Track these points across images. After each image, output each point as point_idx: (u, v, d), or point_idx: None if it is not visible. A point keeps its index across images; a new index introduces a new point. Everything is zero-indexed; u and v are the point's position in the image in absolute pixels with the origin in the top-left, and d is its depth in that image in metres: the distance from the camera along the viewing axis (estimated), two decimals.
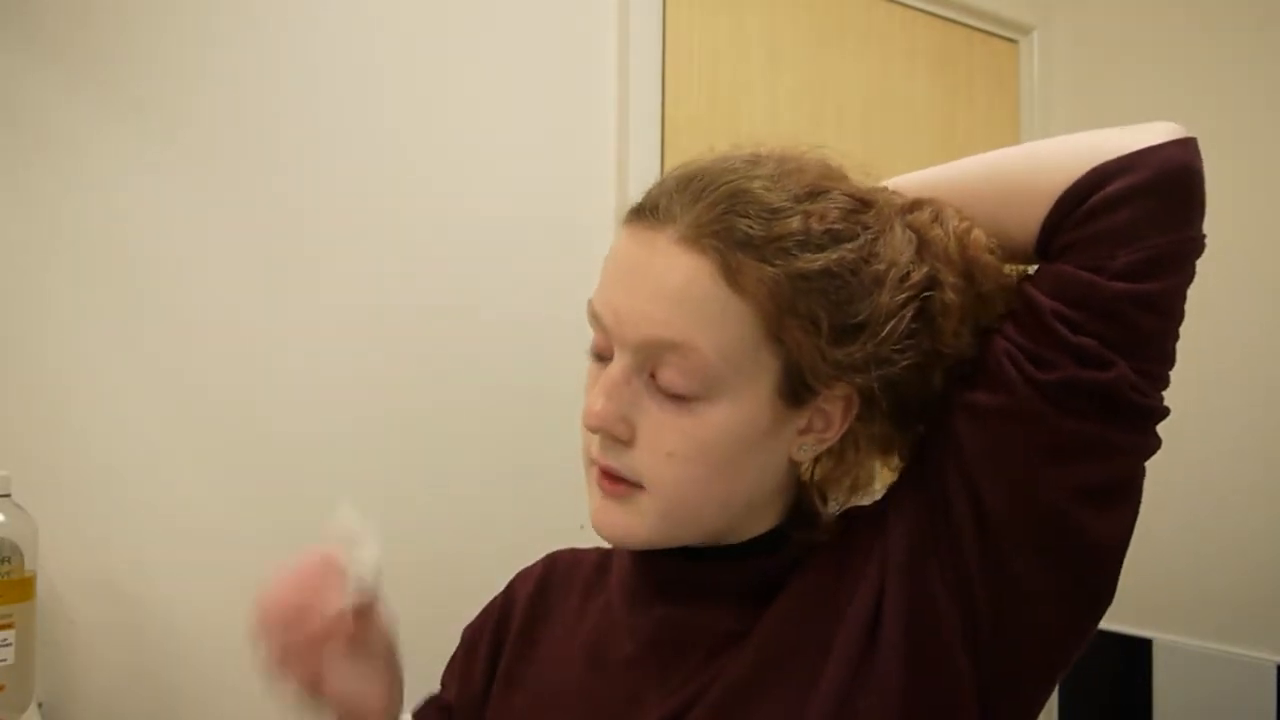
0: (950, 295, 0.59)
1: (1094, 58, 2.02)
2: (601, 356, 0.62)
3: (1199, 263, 0.59)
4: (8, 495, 0.95)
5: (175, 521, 1.13)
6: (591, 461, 0.62)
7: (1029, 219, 0.60)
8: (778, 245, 0.56)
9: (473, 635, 0.78)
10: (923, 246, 0.60)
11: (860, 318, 0.57)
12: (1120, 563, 0.59)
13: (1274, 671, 1.66)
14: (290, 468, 1.21)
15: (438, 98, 1.33)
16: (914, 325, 0.58)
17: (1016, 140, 1.97)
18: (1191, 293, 0.58)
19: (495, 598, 0.79)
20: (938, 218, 0.61)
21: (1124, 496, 0.59)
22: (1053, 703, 1.95)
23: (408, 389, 1.30)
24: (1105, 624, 0.60)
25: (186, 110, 1.16)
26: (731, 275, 0.55)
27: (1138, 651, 1.82)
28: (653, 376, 0.58)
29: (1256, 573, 1.71)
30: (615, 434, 0.59)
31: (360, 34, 1.28)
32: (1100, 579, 0.59)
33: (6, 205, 1.06)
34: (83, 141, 1.10)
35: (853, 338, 0.57)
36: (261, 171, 1.21)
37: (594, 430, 0.60)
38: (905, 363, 0.58)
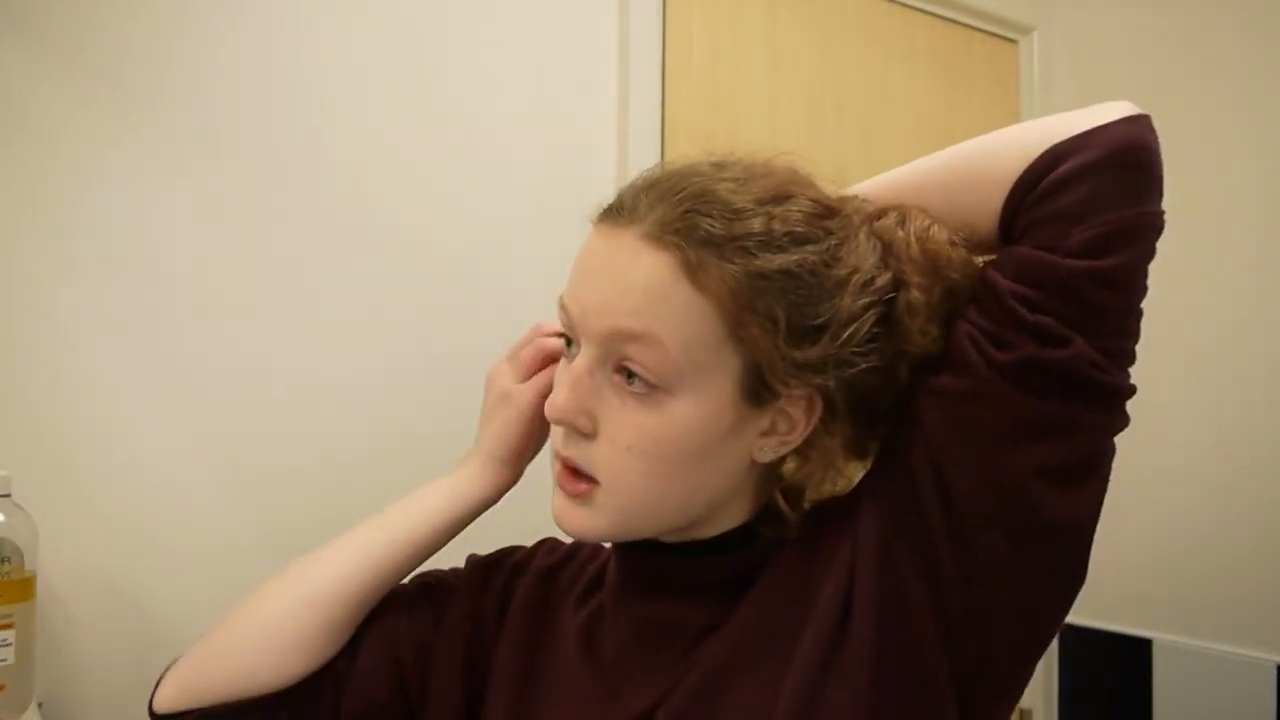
0: (915, 294, 0.59)
1: (1094, 58, 2.02)
2: (570, 353, 0.63)
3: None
4: (8, 495, 0.95)
5: (175, 522, 1.14)
6: (555, 454, 0.63)
7: (989, 207, 0.61)
8: (738, 244, 0.57)
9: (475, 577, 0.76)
10: (887, 251, 0.61)
11: (820, 320, 0.58)
12: (1088, 542, 0.59)
13: (1274, 671, 1.66)
14: (290, 468, 1.21)
15: (437, 99, 1.33)
16: (877, 330, 0.59)
17: None
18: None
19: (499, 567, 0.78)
20: (902, 221, 0.62)
21: (1089, 474, 0.59)
22: (1053, 703, 1.95)
23: (408, 390, 1.30)
24: (1105, 624, 0.60)
25: (189, 110, 1.16)
26: (693, 272, 0.56)
27: (1138, 651, 1.82)
28: (616, 371, 0.59)
29: (1256, 573, 1.71)
30: (577, 426, 0.60)
31: (360, 35, 1.28)
32: (1069, 559, 0.59)
33: (7, 205, 1.06)
34: (84, 141, 1.10)
35: (812, 339, 0.58)
36: (262, 171, 1.21)
37: (555, 422, 0.61)
38: (867, 365, 0.59)
